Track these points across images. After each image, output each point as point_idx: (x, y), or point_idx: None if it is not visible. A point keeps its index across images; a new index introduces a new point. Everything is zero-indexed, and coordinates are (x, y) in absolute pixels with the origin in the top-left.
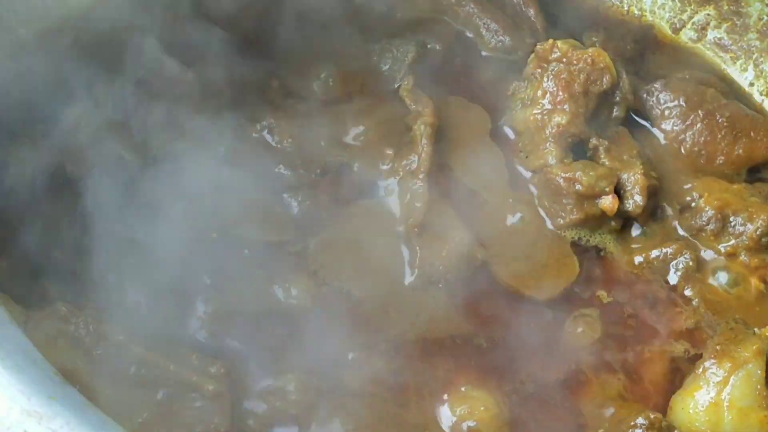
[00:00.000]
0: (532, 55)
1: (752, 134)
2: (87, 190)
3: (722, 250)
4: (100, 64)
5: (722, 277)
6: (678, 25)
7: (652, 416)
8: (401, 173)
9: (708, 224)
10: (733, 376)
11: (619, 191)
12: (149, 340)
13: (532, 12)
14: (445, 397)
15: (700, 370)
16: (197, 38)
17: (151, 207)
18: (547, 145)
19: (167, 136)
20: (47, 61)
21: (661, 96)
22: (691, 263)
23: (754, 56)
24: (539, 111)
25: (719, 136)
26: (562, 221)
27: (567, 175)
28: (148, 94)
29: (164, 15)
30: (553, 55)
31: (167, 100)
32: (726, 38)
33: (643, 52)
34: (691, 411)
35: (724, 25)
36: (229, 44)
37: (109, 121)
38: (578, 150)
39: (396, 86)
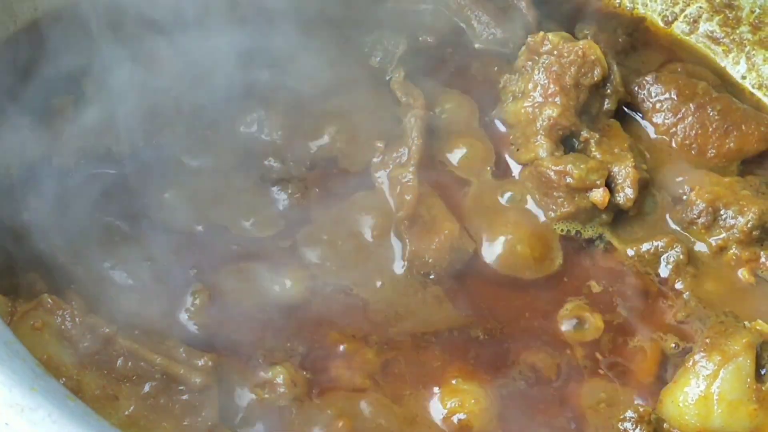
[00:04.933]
0: (524, 48)
1: (744, 127)
2: (74, 182)
3: (713, 243)
4: (90, 55)
5: (712, 270)
6: (670, 18)
7: (641, 409)
8: (391, 165)
9: (699, 217)
10: (722, 370)
11: (610, 184)
12: (136, 332)
13: (524, 4)
14: (436, 389)
15: (690, 363)
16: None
17: (138, 200)
18: (538, 137)
19: (155, 127)
20: (36, 50)
21: (652, 89)
22: (682, 256)
23: (746, 49)
24: (530, 104)
25: (711, 129)
26: (553, 214)
27: (558, 168)
28: (138, 84)
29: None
30: (544, 48)
31: (156, 90)
32: (718, 31)
33: (635, 44)
34: (680, 404)
35: (717, 18)
36: (220, 35)
37: (96, 114)
38: (569, 143)
39: (387, 78)
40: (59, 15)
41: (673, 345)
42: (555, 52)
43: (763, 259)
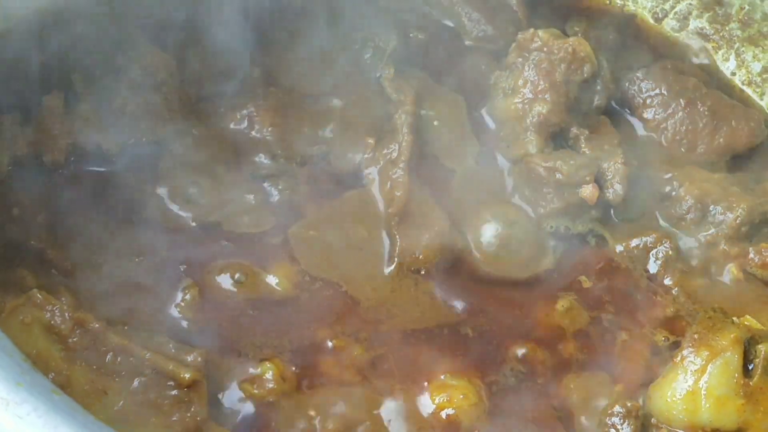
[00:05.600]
0: (514, 45)
1: (733, 123)
2: (64, 178)
3: (702, 239)
4: (81, 52)
5: (702, 266)
6: (660, 15)
7: (629, 404)
8: (382, 162)
9: (688, 213)
10: (710, 365)
11: (599, 180)
12: (126, 328)
13: (514, 1)
14: (425, 385)
15: (678, 358)
16: (179, 26)
17: (129, 195)
18: (528, 134)
19: (146, 124)
20: (30, 48)
21: (642, 85)
22: (670, 252)
23: (736, 46)
24: (520, 100)
25: (700, 125)
26: (542, 210)
27: (547, 164)
28: (128, 82)
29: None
30: (534, 45)
31: (147, 88)
32: (708, 28)
33: (625, 41)
34: (668, 399)
35: (706, 15)
36: (210, 32)
37: (87, 110)
38: (559, 139)
39: (377, 75)
40: (50, 12)
41: (662, 340)
42: (545, 49)
43: (751, 255)
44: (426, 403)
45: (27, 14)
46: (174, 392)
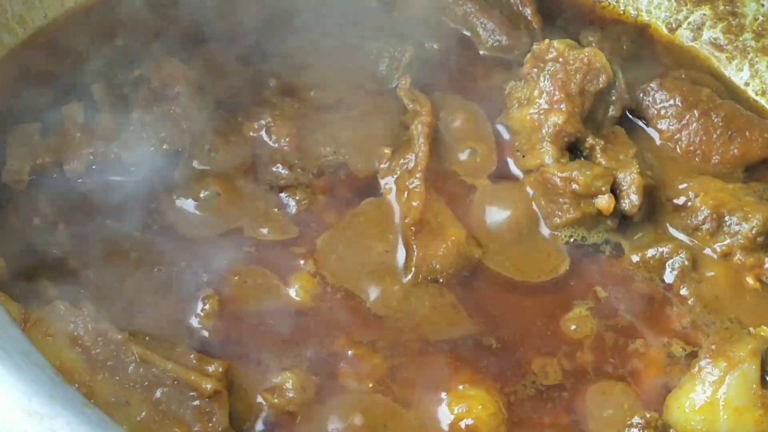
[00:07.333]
0: (529, 55)
1: (747, 134)
2: (84, 187)
3: (718, 249)
4: (99, 62)
5: (717, 276)
6: (674, 25)
7: (648, 415)
8: (398, 172)
9: (704, 223)
10: (728, 376)
11: (615, 191)
12: (147, 339)
13: (529, 11)
14: (443, 395)
15: (696, 369)
16: (197, 37)
17: (148, 204)
18: (544, 144)
19: (165, 133)
20: (46, 57)
21: (656, 95)
22: (686, 262)
23: (750, 56)
24: (536, 110)
25: (715, 135)
26: (558, 220)
27: (563, 174)
28: (147, 91)
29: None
30: (549, 55)
31: (166, 97)
32: (722, 38)
33: (639, 51)
34: (686, 410)
35: (720, 25)
36: (228, 43)
37: (107, 119)
38: (575, 149)
39: (394, 85)
40: (68, 22)
41: (679, 350)
42: (560, 60)
43: (767, 265)
44: (445, 413)
45: (45, 23)
46: (196, 403)
